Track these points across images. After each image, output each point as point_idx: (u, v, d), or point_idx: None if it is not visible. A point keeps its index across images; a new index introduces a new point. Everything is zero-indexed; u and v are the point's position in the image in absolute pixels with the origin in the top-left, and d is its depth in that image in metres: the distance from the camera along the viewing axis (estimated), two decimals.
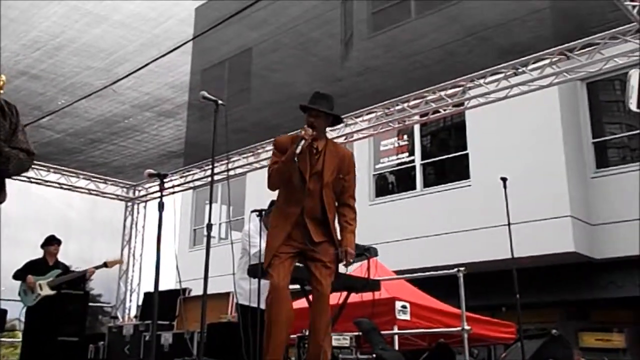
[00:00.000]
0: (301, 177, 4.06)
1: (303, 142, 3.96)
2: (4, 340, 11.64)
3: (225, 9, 6.11)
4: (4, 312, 8.80)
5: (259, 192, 12.14)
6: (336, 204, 4.27)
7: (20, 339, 12.01)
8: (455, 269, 6.82)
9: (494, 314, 9.97)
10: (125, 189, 11.58)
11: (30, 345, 7.34)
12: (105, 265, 7.59)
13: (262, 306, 4.50)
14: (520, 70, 7.16)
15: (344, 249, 4.05)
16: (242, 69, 7.54)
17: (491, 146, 11.46)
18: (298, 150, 3.92)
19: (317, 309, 3.96)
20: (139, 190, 11.65)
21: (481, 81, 7.47)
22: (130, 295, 11.19)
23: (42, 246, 7.71)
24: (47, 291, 7.33)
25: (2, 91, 3.42)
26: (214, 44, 6.74)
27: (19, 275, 7.48)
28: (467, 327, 6.66)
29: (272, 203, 5.85)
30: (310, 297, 4.17)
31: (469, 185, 11.83)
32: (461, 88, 7.70)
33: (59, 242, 7.76)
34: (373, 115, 8.54)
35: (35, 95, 7.53)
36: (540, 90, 7.34)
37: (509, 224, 5.93)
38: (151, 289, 7.76)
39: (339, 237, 4.15)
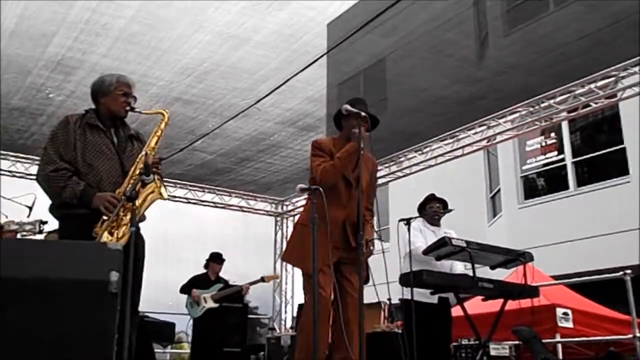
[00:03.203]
0: (346, 181, 4.06)
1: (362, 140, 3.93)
2: (173, 351, 12.51)
3: (356, 20, 6.18)
4: (173, 325, 9.49)
5: (403, 200, 12.10)
6: None
7: (185, 351, 12.84)
8: (621, 272, 6.35)
9: None
10: (274, 205, 12.06)
11: (198, 355, 7.86)
12: (262, 280, 8.05)
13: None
14: None
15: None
16: (377, 79, 7.57)
17: None
18: (363, 145, 3.91)
19: (352, 315, 3.87)
20: (287, 205, 12.06)
21: (635, 69, 6.92)
22: (285, 307, 11.58)
23: (208, 261, 8.27)
24: (211, 304, 7.86)
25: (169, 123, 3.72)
26: (348, 55, 6.82)
27: (185, 289, 8.10)
28: (639, 335, 6.16)
29: (422, 206, 5.79)
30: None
31: (628, 182, 10.96)
32: (613, 78, 7.18)
33: (222, 261, 8.30)
34: (517, 114, 8.21)
35: (189, 119, 8.04)
36: None
37: None
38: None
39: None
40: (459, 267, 5.47)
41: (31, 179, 9.13)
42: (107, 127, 3.62)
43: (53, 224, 3.78)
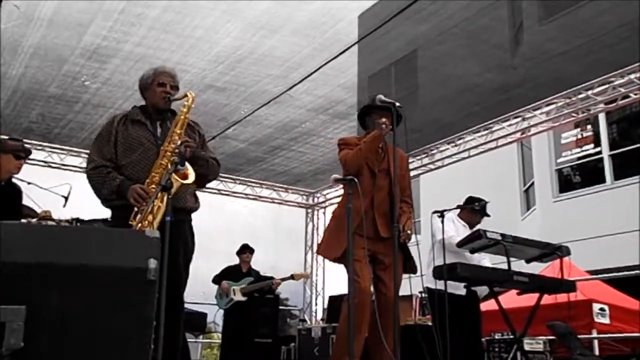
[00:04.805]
0: (370, 171, 4.10)
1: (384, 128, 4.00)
2: (204, 341, 12.64)
3: (388, 9, 6.10)
4: (205, 315, 9.57)
5: (434, 193, 11.99)
6: None
7: (215, 340, 12.95)
8: None
9: None
10: (305, 196, 12.04)
11: (229, 345, 7.92)
12: (292, 277, 8.05)
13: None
14: None
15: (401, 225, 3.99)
16: (409, 68, 7.46)
17: None
18: (385, 134, 4.00)
19: (385, 314, 3.82)
20: (318, 197, 12.04)
21: None
22: (316, 299, 11.59)
23: (237, 254, 8.34)
24: (239, 297, 7.89)
25: (192, 106, 3.66)
26: (380, 43, 6.73)
27: (217, 280, 8.18)
28: None
29: (470, 199, 5.70)
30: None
31: None
32: None
33: (251, 250, 8.35)
34: (553, 106, 8.04)
35: (221, 106, 8.05)
36: None
37: None
38: (335, 293, 8.02)
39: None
40: (486, 261, 5.39)
41: (66, 170, 9.29)
42: (154, 120, 3.70)
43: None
